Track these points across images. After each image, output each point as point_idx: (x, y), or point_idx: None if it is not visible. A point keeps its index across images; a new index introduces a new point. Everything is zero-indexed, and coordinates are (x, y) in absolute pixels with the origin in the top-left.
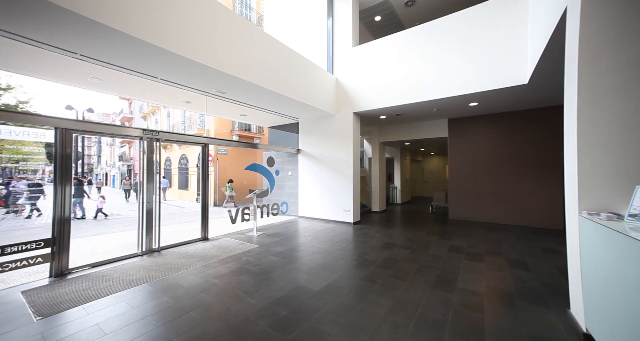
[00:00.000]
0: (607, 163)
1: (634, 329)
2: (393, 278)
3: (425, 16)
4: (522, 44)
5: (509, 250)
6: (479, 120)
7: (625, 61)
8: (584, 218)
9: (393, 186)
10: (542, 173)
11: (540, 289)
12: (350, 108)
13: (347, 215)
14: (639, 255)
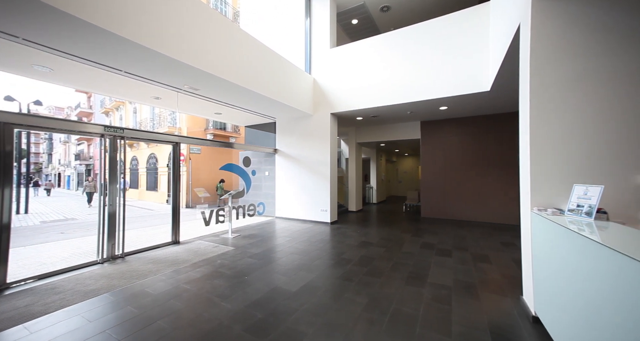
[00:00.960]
0: (553, 165)
1: (573, 310)
2: (369, 276)
3: (400, 22)
4: (484, 54)
5: (473, 245)
6: (449, 123)
7: (568, 74)
8: (535, 213)
9: (369, 186)
10: (503, 173)
11: (499, 279)
12: (328, 109)
13: (324, 215)
14: (575, 245)
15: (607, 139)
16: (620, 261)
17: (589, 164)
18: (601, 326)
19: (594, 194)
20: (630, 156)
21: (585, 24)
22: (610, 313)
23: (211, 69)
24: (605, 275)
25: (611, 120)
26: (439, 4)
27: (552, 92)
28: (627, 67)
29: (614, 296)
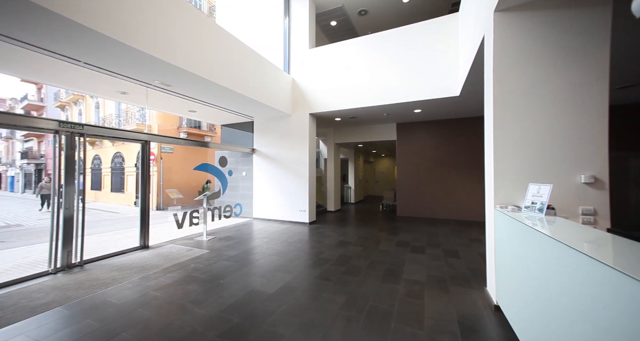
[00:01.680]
0: (513, 166)
1: (527, 298)
2: (347, 274)
3: (377, 26)
4: (454, 61)
5: (444, 241)
6: (423, 125)
7: (525, 83)
8: (497, 210)
9: (347, 186)
10: (471, 174)
11: (466, 273)
12: (307, 109)
13: (303, 216)
14: (530, 238)
15: (555, 143)
16: (564, 251)
17: (541, 165)
18: (551, 310)
19: (545, 192)
20: (572, 158)
21: (538, 39)
22: (559, 298)
23: (184, 64)
24: (553, 264)
25: (558, 125)
26: (414, 11)
27: (511, 99)
28: (571, 79)
29: (560, 283)
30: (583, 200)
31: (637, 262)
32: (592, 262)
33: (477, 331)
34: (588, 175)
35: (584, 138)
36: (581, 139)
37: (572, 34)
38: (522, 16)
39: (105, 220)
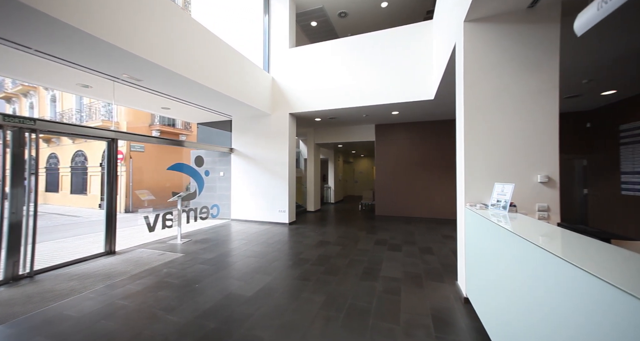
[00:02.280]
0: (481, 166)
1: (492, 289)
2: (326, 274)
3: (357, 29)
4: (429, 66)
5: (420, 239)
6: (400, 127)
7: (491, 89)
8: (467, 208)
9: (327, 186)
10: (445, 174)
11: (439, 269)
12: (287, 109)
13: (282, 216)
14: (495, 233)
15: (516, 145)
16: (524, 244)
17: (505, 166)
18: (512, 300)
19: (508, 191)
20: (530, 160)
21: (502, 49)
22: (519, 288)
23: (155, 57)
24: (514, 257)
25: (519, 130)
26: (392, 16)
27: (480, 104)
28: (529, 88)
29: (520, 274)
30: (539, 198)
31: (581, 253)
32: (546, 254)
33: (449, 323)
34: (543, 175)
35: (539, 141)
36: (537, 142)
37: (529, 47)
38: (488, 28)
39: (64, 225)
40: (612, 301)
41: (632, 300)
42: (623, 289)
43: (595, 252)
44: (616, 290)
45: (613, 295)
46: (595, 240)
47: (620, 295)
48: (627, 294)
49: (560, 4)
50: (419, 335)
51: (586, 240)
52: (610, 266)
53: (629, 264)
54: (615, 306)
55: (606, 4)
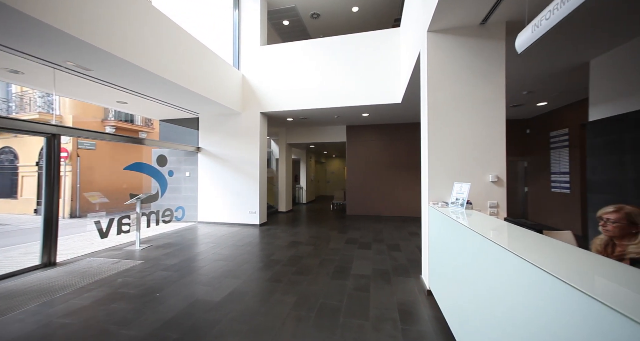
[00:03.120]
0: (443, 167)
1: (450, 281)
2: (297, 274)
3: (329, 30)
4: (397, 71)
5: (388, 236)
6: (370, 128)
7: (450, 96)
8: (431, 206)
9: (299, 186)
10: (412, 174)
11: (406, 264)
12: (258, 107)
13: (253, 217)
14: (454, 229)
15: (472, 147)
16: (478, 238)
17: (463, 166)
18: (467, 289)
19: (465, 190)
20: (483, 161)
21: (459, 59)
22: (473, 278)
23: (108, 45)
24: (470, 250)
25: (474, 133)
26: (362, 21)
27: (441, 109)
28: (482, 96)
29: (474, 265)
30: (490, 196)
31: (521, 244)
32: (495, 246)
33: (413, 315)
34: (494, 175)
35: (490, 145)
36: (489, 146)
37: (481, 59)
38: (448, 39)
39: None
40: (544, 284)
41: (561, 284)
42: (552, 274)
43: (531, 242)
44: (548, 275)
45: (546, 279)
46: (531, 231)
47: (548, 278)
48: (556, 278)
49: (505, 24)
50: (387, 328)
51: (525, 232)
52: (543, 254)
53: (556, 252)
54: (546, 289)
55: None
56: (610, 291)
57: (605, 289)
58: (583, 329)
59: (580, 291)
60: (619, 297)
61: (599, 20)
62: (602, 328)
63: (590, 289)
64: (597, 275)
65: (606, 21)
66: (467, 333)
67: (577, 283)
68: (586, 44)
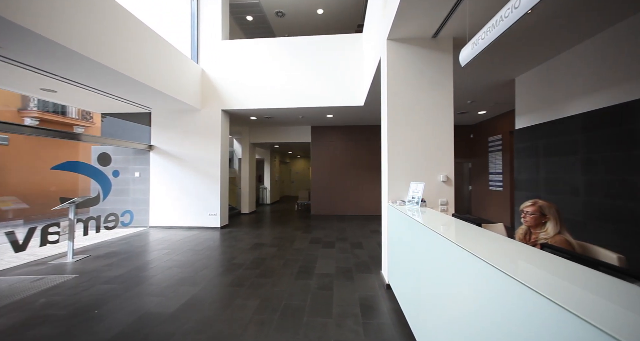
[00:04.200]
0: (401, 167)
1: (406, 274)
2: (261, 277)
3: (294, 30)
4: (360, 75)
5: (351, 235)
6: (335, 130)
7: (407, 101)
8: (390, 205)
9: (263, 187)
10: (374, 175)
11: (368, 261)
12: (219, 105)
13: (213, 220)
14: (410, 225)
15: (425, 149)
16: (430, 233)
17: (419, 167)
18: (420, 281)
19: (420, 189)
20: (434, 162)
21: (415, 67)
22: (426, 271)
23: (30, 22)
24: (424, 245)
25: (428, 136)
26: (327, 23)
27: (399, 113)
28: (434, 102)
29: (427, 258)
30: (441, 194)
31: (465, 237)
32: (445, 240)
33: (374, 309)
34: (444, 175)
35: (441, 147)
36: (440, 148)
37: (434, 69)
38: (406, 48)
39: None
40: (481, 270)
41: (492, 269)
42: (485, 260)
43: (472, 235)
44: (482, 262)
45: (482, 266)
46: (473, 225)
47: (483, 265)
48: (488, 264)
49: (452, 39)
50: (349, 324)
51: (468, 226)
52: (480, 245)
53: (490, 242)
54: (483, 274)
55: (476, 46)
56: (527, 272)
57: (524, 270)
58: (506, 305)
59: (505, 274)
60: (534, 277)
61: (523, 43)
62: (519, 303)
63: (514, 272)
64: (519, 260)
65: (528, 44)
66: (421, 320)
67: (503, 267)
68: (513, 63)
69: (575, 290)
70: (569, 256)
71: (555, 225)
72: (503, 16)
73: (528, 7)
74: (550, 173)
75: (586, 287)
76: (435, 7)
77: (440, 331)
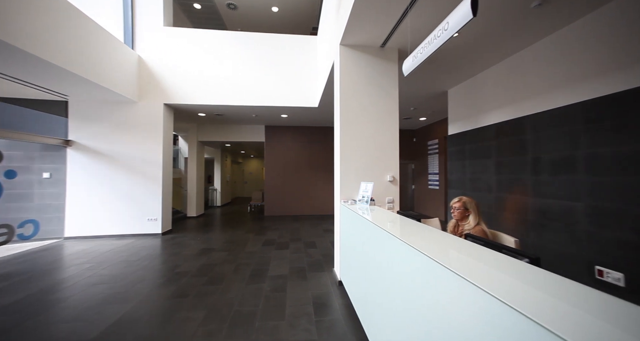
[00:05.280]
0: (352, 168)
1: (356, 270)
2: (209, 285)
3: (247, 26)
4: (315, 76)
5: (305, 235)
6: (289, 130)
7: (357, 105)
8: (342, 204)
9: (213, 188)
10: (328, 175)
11: (321, 259)
12: (161, 97)
13: (153, 225)
14: (360, 223)
15: (374, 151)
16: (378, 230)
17: (368, 168)
18: (368, 275)
19: (369, 188)
20: (382, 163)
21: (365, 73)
22: (373, 265)
23: None
24: (373, 241)
25: (376, 139)
26: (282, 22)
27: (351, 116)
28: (382, 107)
29: (377, 253)
30: (387, 193)
31: (408, 231)
32: (390, 236)
33: (326, 305)
34: (390, 175)
35: (388, 149)
36: (387, 150)
37: (382, 76)
38: (358, 54)
39: None
40: (420, 261)
41: (428, 259)
42: (421, 251)
43: (413, 230)
44: (419, 253)
45: (420, 257)
46: (414, 221)
47: (420, 256)
48: (424, 255)
49: (397, 50)
50: (302, 323)
51: (410, 222)
52: (419, 238)
53: (427, 234)
54: (421, 265)
55: (416, 59)
56: (455, 260)
57: (453, 259)
58: (440, 290)
59: (438, 263)
60: (459, 263)
61: (454, 60)
62: (451, 287)
63: (445, 261)
64: (450, 249)
65: (458, 61)
66: (369, 313)
67: (436, 257)
68: (446, 77)
69: (486, 270)
70: (484, 243)
71: (475, 218)
72: (436, 35)
73: (455, 29)
74: (474, 174)
75: (493, 267)
76: (382, 20)
77: (387, 322)
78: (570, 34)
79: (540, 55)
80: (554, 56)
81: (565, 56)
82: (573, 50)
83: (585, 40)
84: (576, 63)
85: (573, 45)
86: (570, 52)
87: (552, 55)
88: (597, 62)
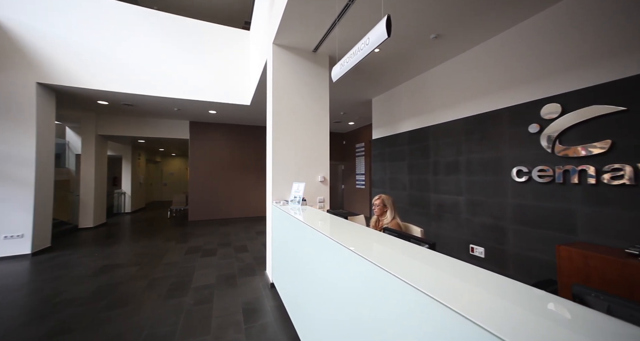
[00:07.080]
0: (284, 168)
1: (288, 270)
2: (108, 310)
3: (167, 6)
4: (247, 73)
5: (235, 239)
6: (219, 127)
7: (289, 106)
8: (274, 205)
9: (120, 191)
10: (260, 175)
11: (253, 263)
12: (32, 74)
13: (17, 245)
14: (292, 223)
15: (306, 152)
16: (308, 229)
17: (300, 168)
18: (299, 274)
19: (301, 189)
20: (313, 164)
21: (298, 74)
22: (306, 265)
23: None
24: (304, 240)
25: (307, 141)
26: (212, 11)
27: (283, 117)
28: (314, 110)
29: (306, 253)
30: (318, 193)
31: (337, 230)
32: (320, 235)
33: (257, 310)
34: (321, 176)
35: (319, 151)
36: (318, 151)
37: (315, 80)
38: (290, 55)
39: None
40: (346, 256)
41: (353, 254)
42: (346, 246)
43: (341, 228)
44: (345, 249)
45: (347, 253)
46: (342, 218)
47: (346, 251)
48: (348, 250)
49: (328, 56)
50: (229, 334)
51: (338, 220)
52: (346, 234)
53: (352, 230)
54: (348, 259)
55: (343, 66)
56: (376, 252)
57: (375, 252)
58: (364, 282)
59: (361, 257)
60: (379, 255)
61: (376, 72)
62: (375, 278)
63: (368, 254)
64: (373, 243)
65: (379, 73)
66: (301, 313)
67: (360, 251)
68: (370, 86)
69: (398, 257)
70: (397, 234)
71: (392, 213)
72: (359, 48)
73: (374, 45)
74: (392, 174)
75: (403, 253)
76: (312, 27)
77: (317, 319)
78: (460, 62)
79: (437, 78)
80: (446, 80)
81: (454, 80)
82: (460, 76)
83: (468, 69)
84: (460, 87)
85: (461, 72)
86: (458, 77)
87: (445, 79)
88: (475, 88)
